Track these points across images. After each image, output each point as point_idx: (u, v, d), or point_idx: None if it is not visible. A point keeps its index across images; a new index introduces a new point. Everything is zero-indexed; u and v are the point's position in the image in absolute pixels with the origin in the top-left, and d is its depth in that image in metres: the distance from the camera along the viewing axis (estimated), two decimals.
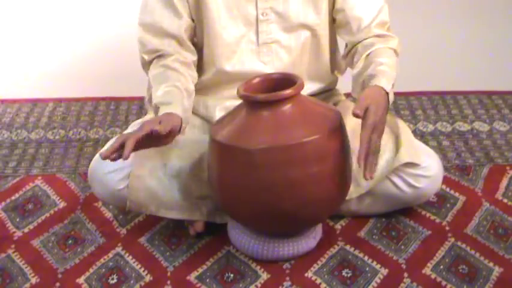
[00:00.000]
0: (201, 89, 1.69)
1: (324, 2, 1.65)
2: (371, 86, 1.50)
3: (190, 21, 1.64)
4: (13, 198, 1.90)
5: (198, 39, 1.68)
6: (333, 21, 1.69)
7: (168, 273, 1.63)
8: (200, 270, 1.63)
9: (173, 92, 1.55)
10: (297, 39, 1.67)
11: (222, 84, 1.70)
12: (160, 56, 1.63)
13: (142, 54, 1.66)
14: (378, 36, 1.63)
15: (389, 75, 1.53)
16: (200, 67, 1.70)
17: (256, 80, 1.56)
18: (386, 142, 1.66)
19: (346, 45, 1.71)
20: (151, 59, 1.64)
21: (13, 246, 1.73)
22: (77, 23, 2.85)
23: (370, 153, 1.43)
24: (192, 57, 1.66)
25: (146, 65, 1.67)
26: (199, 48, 1.69)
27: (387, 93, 1.50)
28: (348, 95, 1.85)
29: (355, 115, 1.40)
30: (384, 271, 1.60)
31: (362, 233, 1.72)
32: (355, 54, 1.64)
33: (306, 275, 1.60)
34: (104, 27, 2.81)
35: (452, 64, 2.56)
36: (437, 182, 1.70)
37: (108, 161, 1.63)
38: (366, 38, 1.63)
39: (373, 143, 1.43)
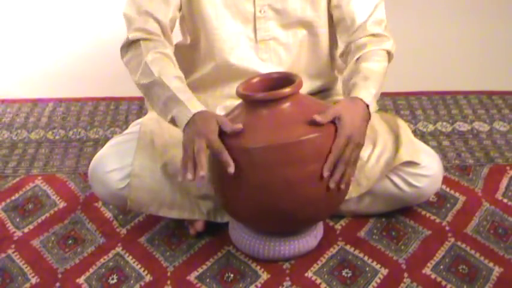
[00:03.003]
0: (200, 87, 1.68)
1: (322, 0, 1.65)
2: (351, 96, 1.51)
3: (178, 13, 1.61)
4: (13, 198, 1.90)
5: (191, 34, 1.66)
6: (331, 18, 1.69)
7: (168, 273, 1.63)
8: (200, 270, 1.63)
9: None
10: (295, 36, 1.67)
11: (221, 82, 1.70)
12: (146, 40, 1.57)
13: (128, 33, 1.59)
14: (373, 35, 1.62)
15: (372, 84, 1.53)
16: (197, 63, 1.69)
17: (256, 79, 1.56)
18: (386, 141, 1.66)
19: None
20: (135, 38, 1.58)
21: (13, 246, 1.73)
22: (77, 23, 2.85)
23: (341, 162, 1.44)
24: (172, 50, 1.61)
25: (126, 45, 1.60)
26: (193, 43, 1.67)
27: (368, 105, 1.50)
28: None
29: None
30: (384, 271, 1.60)
31: (362, 233, 1.72)
32: (349, 54, 1.64)
33: (306, 275, 1.60)
34: (104, 27, 2.81)
35: (452, 64, 2.56)
36: (437, 181, 1.70)
37: (108, 160, 1.64)
38: (361, 37, 1.62)
39: (347, 153, 1.44)
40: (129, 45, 1.60)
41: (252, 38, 1.66)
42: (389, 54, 1.63)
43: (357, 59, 1.59)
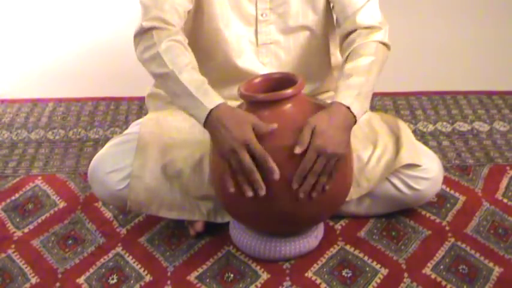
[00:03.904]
0: None
1: (321, 2, 1.64)
2: (330, 102, 1.49)
3: (190, 7, 1.59)
4: (13, 198, 1.90)
5: (188, 29, 1.63)
6: (332, 20, 1.69)
7: (168, 273, 1.63)
8: (200, 270, 1.63)
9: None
10: (295, 40, 1.67)
11: (219, 83, 1.68)
12: (158, 29, 1.52)
13: (142, 21, 1.54)
14: (364, 28, 1.58)
15: (354, 83, 1.49)
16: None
17: (257, 79, 1.56)
18: (386, 143, 1.66)
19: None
20: (148, 27, 1.53)
21: (13, 246, 1.73)
22: (76, 22, 2.85)
23: (311, 175, 1.42)
24: (185, 38, 1.57)
25: (139, 33, 1.55)
26: (195, 39, 1.67)
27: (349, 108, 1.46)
28: None
29: (297, 153, 1.40)
30: (384, 271, 1.61)
31: (362, 233, 1.72)
32: (344, 52, 1.61)
33: (306, 275, 1.60)
34: (104, 27, 2.81)
35: (452, 64, 2.56)
36: (437, 184, 1.70)
37: (107, 161, 1.64)
38: (352, 31, 1.59)
39: (317, 166, 1.42)
40: (142, 33, 1.55)
41: (253, 42, 1.65)
42: (384, 45, 1.59)
43: (345, 59, 1.57)
